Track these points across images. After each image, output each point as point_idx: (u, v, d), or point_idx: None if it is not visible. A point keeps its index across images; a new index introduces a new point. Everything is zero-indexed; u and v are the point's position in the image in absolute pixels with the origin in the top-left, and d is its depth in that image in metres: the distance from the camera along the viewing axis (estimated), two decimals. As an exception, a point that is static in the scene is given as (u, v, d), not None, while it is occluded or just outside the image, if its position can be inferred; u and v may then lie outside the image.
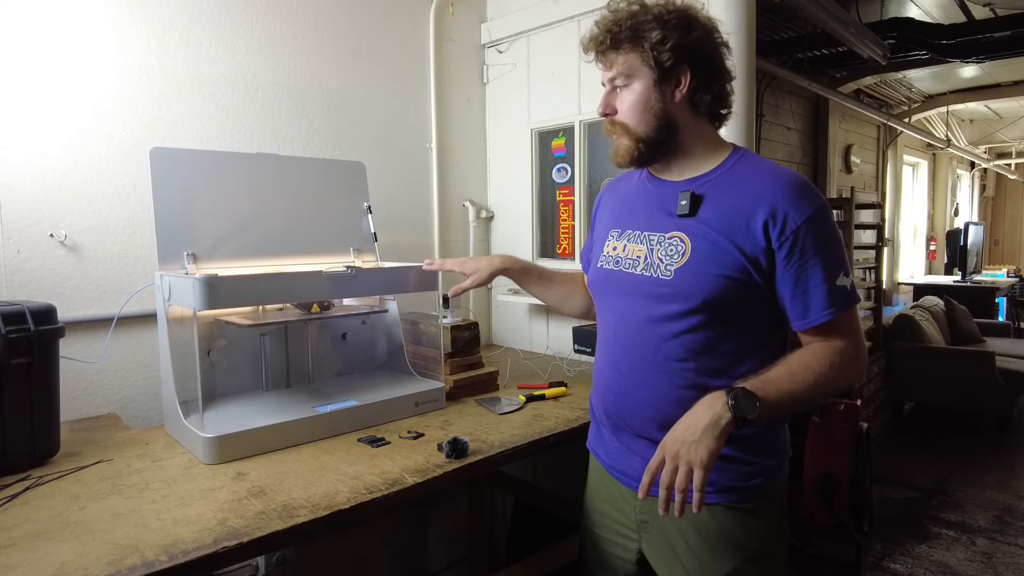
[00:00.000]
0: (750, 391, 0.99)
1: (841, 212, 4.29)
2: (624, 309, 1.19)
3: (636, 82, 1.13)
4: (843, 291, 1.07)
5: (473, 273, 1.53)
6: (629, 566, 1.27)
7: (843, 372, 1.07)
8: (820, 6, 3.25)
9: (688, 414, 1.02)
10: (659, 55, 1.10)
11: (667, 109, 1.13)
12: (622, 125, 1.16)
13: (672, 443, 1.00)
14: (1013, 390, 4.36)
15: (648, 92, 1.13)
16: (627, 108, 1.14)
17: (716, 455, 0.97)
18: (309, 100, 2.19)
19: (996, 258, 9.65)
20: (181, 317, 1.53)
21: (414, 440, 1.51)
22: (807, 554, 2.67)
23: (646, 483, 1.01)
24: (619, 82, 1.15)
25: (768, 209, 1.06)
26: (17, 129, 1.64)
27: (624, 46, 1.12)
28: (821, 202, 1.07)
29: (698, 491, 0.96)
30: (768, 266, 1.07)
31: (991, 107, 6.98)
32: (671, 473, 0.98)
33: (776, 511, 1.20)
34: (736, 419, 0.98)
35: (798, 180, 1.09)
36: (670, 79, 1.12)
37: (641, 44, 1.11)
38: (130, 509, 1.15)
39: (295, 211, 1.81)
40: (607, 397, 1.22)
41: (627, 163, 1.18)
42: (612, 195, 1.36)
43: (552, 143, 2.55)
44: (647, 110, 1.13)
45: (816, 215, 1.05)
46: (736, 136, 1.89)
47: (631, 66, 1.13)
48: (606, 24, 1.14)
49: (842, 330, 1.08)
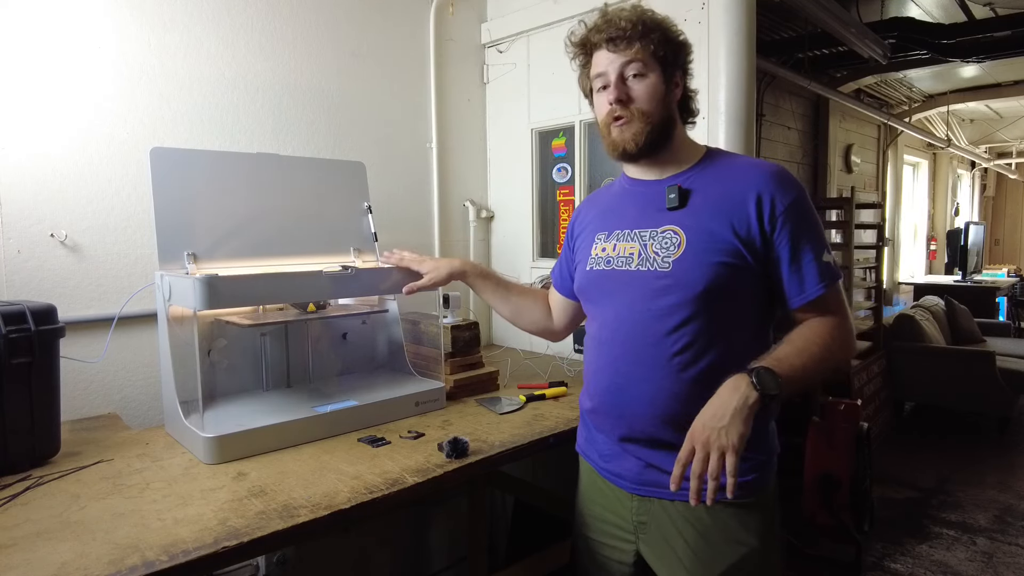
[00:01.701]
0: (770, 368, 1.02)
1: (841, 212, 4.29)
2: (621, 306, 1.19)
3: (652, 74, 1.18)
4: (829, 267, 1.14)
5: (431, 272, 1.57)
6: (626, 568, 1.26)
7: (841, 347, 1.13)
8: (820, 6, 3.25)
9: (713, 399, 1.03)
10: (666, 54, 1.18)
11: (670, 105, 1.21)
12: (640, 111, 1.17)
13: (702, 430, 1.01)
14: (1013, 390, 4.36)
15: (661, 85, 1.19)
16: (646, 95, 1.18)
17: (746, 438, 0.98)
18: (309, 100, 2.19)
19: (996, 258, 9.65)
20: (181, 317, 1.53)
21: (414, 440, 1.52)
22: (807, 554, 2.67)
23: (677, 475, 1.01)
24: (634, 70, 1.17)
25: (755, 194, 1.12)
26: (17, 129, 1.64)
27: (642, 40, 1.17)
28: (800, 186, 1.16)
29: (731, 476, 0.97)
30: (762, 247, 1.12)
31: (991, 107, 6.98)
32: (703, 461, 0.99)
33: (771, 506, 1.21)
34: (763, 397, 1.00)
35: (778, 168, 1.17)
36: (672, 78, 1.21)
37: (653, 41, 1.17)
38: (130, 509, 1.15)
39: (295, 211, 1.81)
40: (605, 397, 1.22)
41: (633, 147, 1.18)
42: (592, 206, 1.39)
43: (552, 143, 2.55)
44: (661, 100, 1.19)
45: (799, 198, 1.14)
46: (736, 135, 1.89)
47: (647, 58, 1.17)
48: (626, 16, 1.17)
49: (833, 305, 1.14)
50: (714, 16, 1.93)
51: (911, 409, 4.94)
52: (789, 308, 1.15)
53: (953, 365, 4.49)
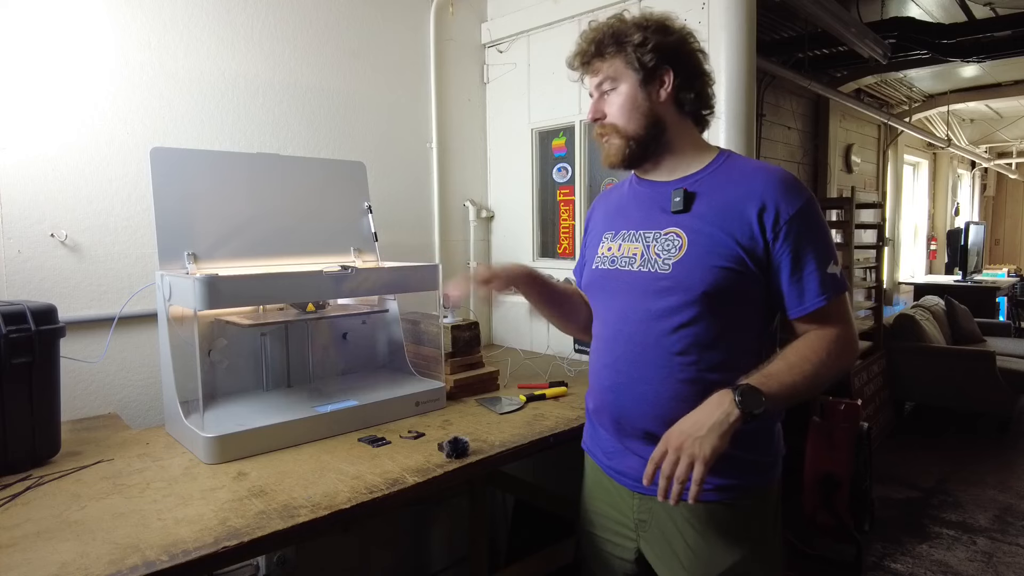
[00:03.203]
0: (755, 387, 1.03)
1: (841, 212, 4.29)
2: (623, 306, 1.20)
3: (622, 84, 1.18)
4: (834, 278, 1.11)
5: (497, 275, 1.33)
6: (628, 566, 1.27)
7: (839, 359, 1.11)
8: (821, 5, 3.25)
9: (696, 411, 1.04)
10: (641, 56, 1.15)
11: (654, 108, 1.18)
12: (612, 126, 1.19)
13: (677, 436, 1.03)
14: (1014, 390, 4.36)
15: (635, 92, 1.17)
16: (616, 109, 1.19)
17: (719, 452, 1.00)
18: (309, 100, 2.19)
19: (997, 258, 9.64)
20: (182, 317, 1.53)
21: (415, 440, 1.52)
22: (807, 554, 2.67)
23: (650, 472, 1.05)
24: (606, 86, 1.20)
25: (760, 202, 1.10)
26: (17, 129, 1.64)
27: (608, 51, 1.17)
28: (809, 195, 1.13)
29: (695, 484, 1.00)
30: (763, 255, 1.11)
31: (992, 106, 6.98)
32: (672, 464, 1.02)
33: (772, 507, 1.21)
34: (744, 415, 1.01)
35: (786, 175, 1.14)
36: (654, 79, 1.17)
37: (624, 48, 1.16)
38: (131, 509, 1.15)
39: (295, 211, 1.81)
40: (606, 396, 1.23)
41: (619, 162, 1.21)
42: (604, 204, 1.39)
43: (552, 143, 2.55)
44: (635, 109, 1.17)
45: (805, 207, 1.10)
46: (736, 135, 1.89)
47: (616, 70, 1.18)
48: (588, 37, 1.20)
49: (835, 317, 1.12)
50: (714, 16, 1.93)
51: (911, 409, 4.94)
52: (788, 319, 1.15)
53: (953, 365, 4.49)
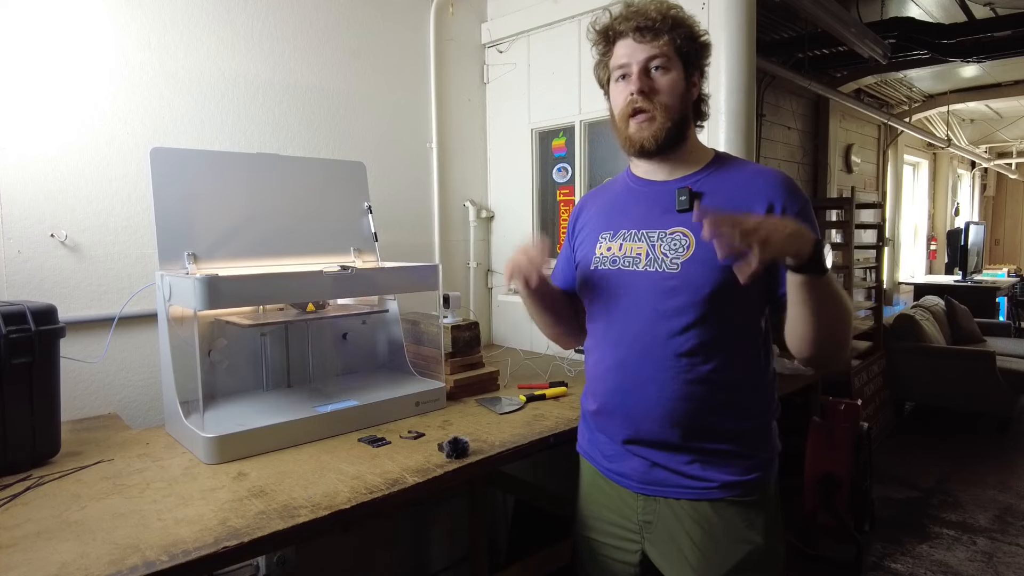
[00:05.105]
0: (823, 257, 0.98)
1: (841, 212, 4.29)
2: (629, 307, 1.19)
3: (675, 70, 1.17)
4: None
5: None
6: (631, 569, 1.26)
7: (849, 312, 1.08)
8: (820, 6, 3.25)
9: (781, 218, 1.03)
10: (689, 52, 1.17)
11: (688, 102, 1.20)
12: (663, 104, 1.16)
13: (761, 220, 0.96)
14: (1014, 390, 4.36)
15: (682, 80, 1.18)
16: (670, 89, 1.16)
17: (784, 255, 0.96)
18: (309, 100, 2.19)
19: (997, 258, 9.64)
20: (182, 317, 1.53)
21: (415, 440, 1.52)
22: (807, 554, 2.67)
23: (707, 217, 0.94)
24: (657, 63, 1.16)
25: (766, 201, 1.13)
26: (17, 129, 1.64)
27: (668, 34, 1.16)
28: (805, 195, 1.18)
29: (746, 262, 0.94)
30: None
31: (992, 107, 6.98)
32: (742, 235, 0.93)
33: (774, 503, 1.21)
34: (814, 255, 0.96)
35: (786, 177, 1.18)
36: (692, 76, 1.19)
37: (679, 36, 1.16)
38: (131, 509, 1.15)
39: (295, 211, 1.81)
40: (612, 398, 1.21)
41: (655, 142, 1.16)
42: (595, 202, 1.35)
43: (552, 143, 2.55)
44: (681, 96, 1.18)
45: (805, 207, 1.15)
46: (736, 135, 1.89)
47: (671, 53, 1.16)
48: (652, 7, 1.16)
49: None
50: (714, 16, 1.93)
51: (911, 409, 4.94)
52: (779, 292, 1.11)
53: (953, 365, 4.49)
